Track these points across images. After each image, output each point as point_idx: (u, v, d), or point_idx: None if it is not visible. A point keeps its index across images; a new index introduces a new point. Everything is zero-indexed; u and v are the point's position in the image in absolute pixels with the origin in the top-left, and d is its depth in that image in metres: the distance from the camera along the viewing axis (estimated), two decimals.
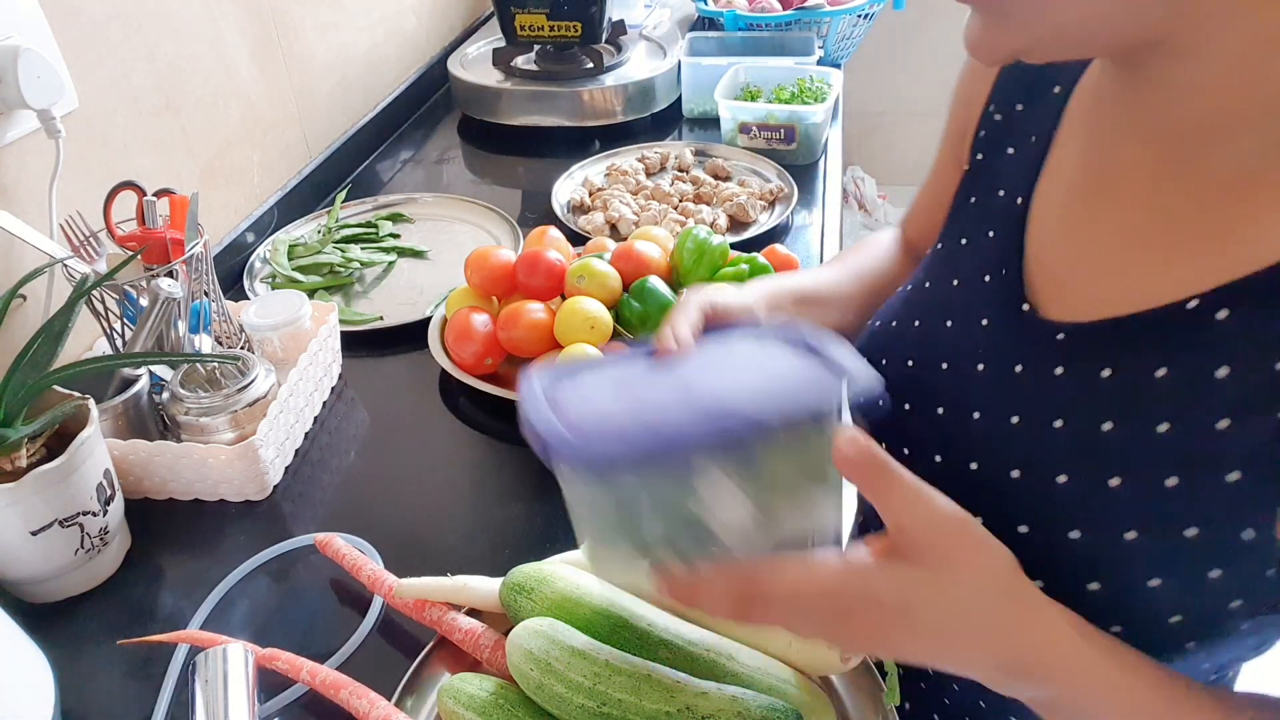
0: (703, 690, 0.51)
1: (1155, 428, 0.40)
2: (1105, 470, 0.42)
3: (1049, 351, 0.45)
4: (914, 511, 0.38)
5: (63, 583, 0.70)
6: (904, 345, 0.54)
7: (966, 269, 0.51)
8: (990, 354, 0.48)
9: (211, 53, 1.08)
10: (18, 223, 0.76)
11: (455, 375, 0.90)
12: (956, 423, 0.49)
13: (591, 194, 1.26)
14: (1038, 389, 0.45)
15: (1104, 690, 0.39)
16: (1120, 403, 0.42)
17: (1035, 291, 0.47)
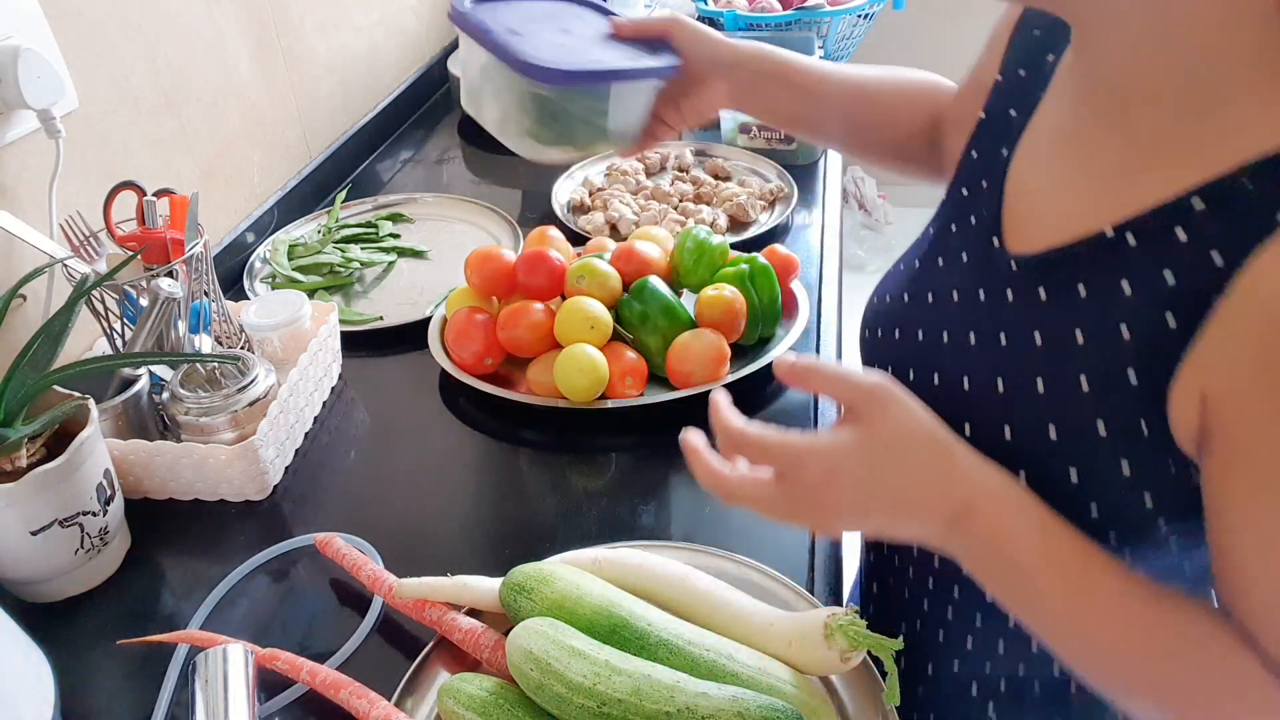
0: (703, 690, 0.51)
1: (1075, 338, 0.47)
2: (1034, 376, 0.49)
3: (1004, 279, 0.53)
4: (844, 385, 0.48)
5: (63, 583, 0.70)
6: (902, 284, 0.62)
7: (961, 215, 0.58)
8: (963, 284, 0.56)
9: (211, 53, 1.09)
10: (18, 223, 0.76)
11: (455, 375, 0.90)
12: (930, 345, 0.57)
13: (591, 194, 1.26)
14: (991, 311, 0.53)
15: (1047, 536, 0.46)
16: (1050, 319, 0.49)
17: (1006, 231, 0.54)
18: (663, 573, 0.63)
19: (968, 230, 0.57)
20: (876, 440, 0.47)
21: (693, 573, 0.62)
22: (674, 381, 0.87)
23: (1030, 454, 0.49)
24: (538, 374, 0.88)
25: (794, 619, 0.58)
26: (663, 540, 0.70)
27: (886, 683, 0.55)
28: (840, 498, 0.47)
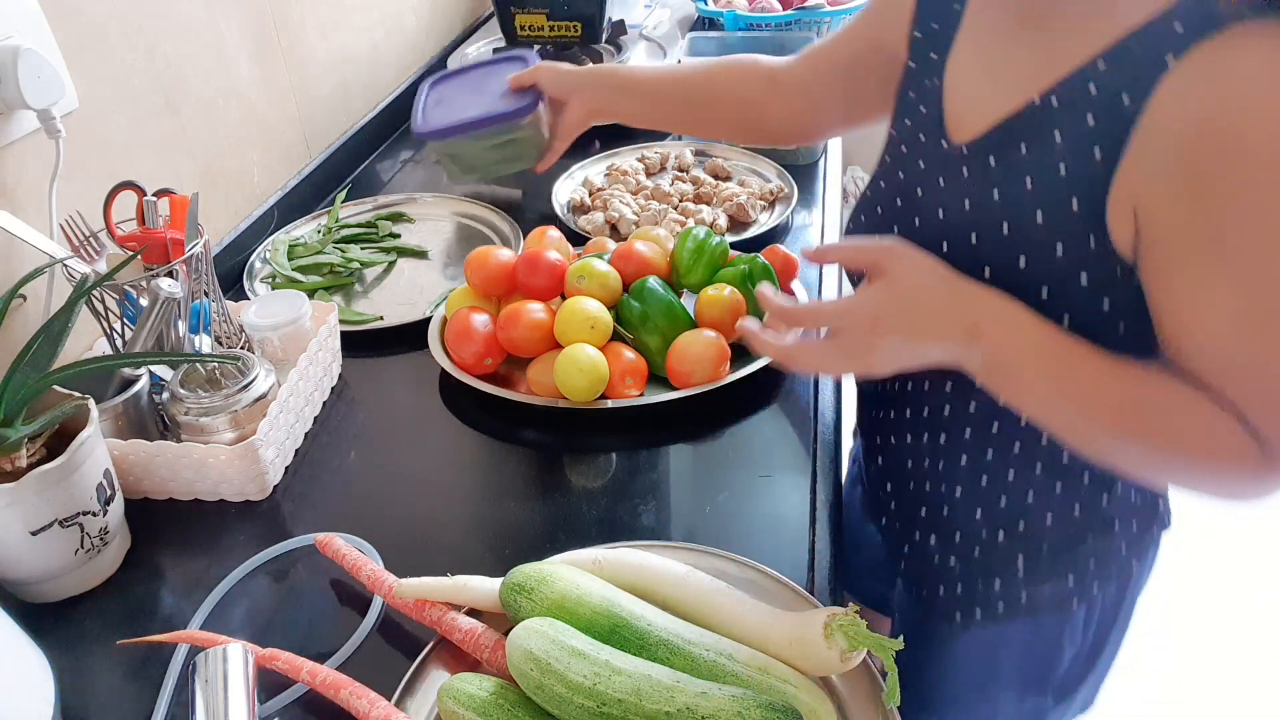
0: (703, 690, 0.51)
1: (1025, 185, 0.59)
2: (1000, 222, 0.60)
3: (958, 163, 0.65)
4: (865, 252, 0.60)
5: (63, 583, 0.70)
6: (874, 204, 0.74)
7: (911, 136, 0.71)
8: (927, 179, 0.68)
9: (211, 53, 1.08)
10: (18, 223, 0.76)
11: (455, 375, 0.90)
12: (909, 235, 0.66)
13: (591, 194, 1.26)
14: (952, 189, 0.65)
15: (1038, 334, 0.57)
16: (1002, 177, 0.61)
17: (951, 132, 0.66)
18: (663, 573, 0.63)
19: (920, 144, 0.69)
20: (903, 286, 0.58)
21: (693, 573, 0.62)
22: (674, 381, 0.87)
23: (1008, 284, 0.59)
24: (538, 374, 0.88)
25: (794, 619, 0.58)
26: (663, 540, 0.70)
27: (886, 683, 0.55)
28: (884, 339, 0.57)
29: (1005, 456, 0.69)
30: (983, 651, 0.79)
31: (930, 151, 0.68)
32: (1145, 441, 0.56)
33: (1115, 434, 0.57)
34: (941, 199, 0.65)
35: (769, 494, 0.78)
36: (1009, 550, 0.73)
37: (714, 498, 0.78)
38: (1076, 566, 0.73)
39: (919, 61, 0.72)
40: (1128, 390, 0.56)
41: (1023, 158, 0.59)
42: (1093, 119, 0.55)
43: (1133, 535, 0.74)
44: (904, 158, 0.71)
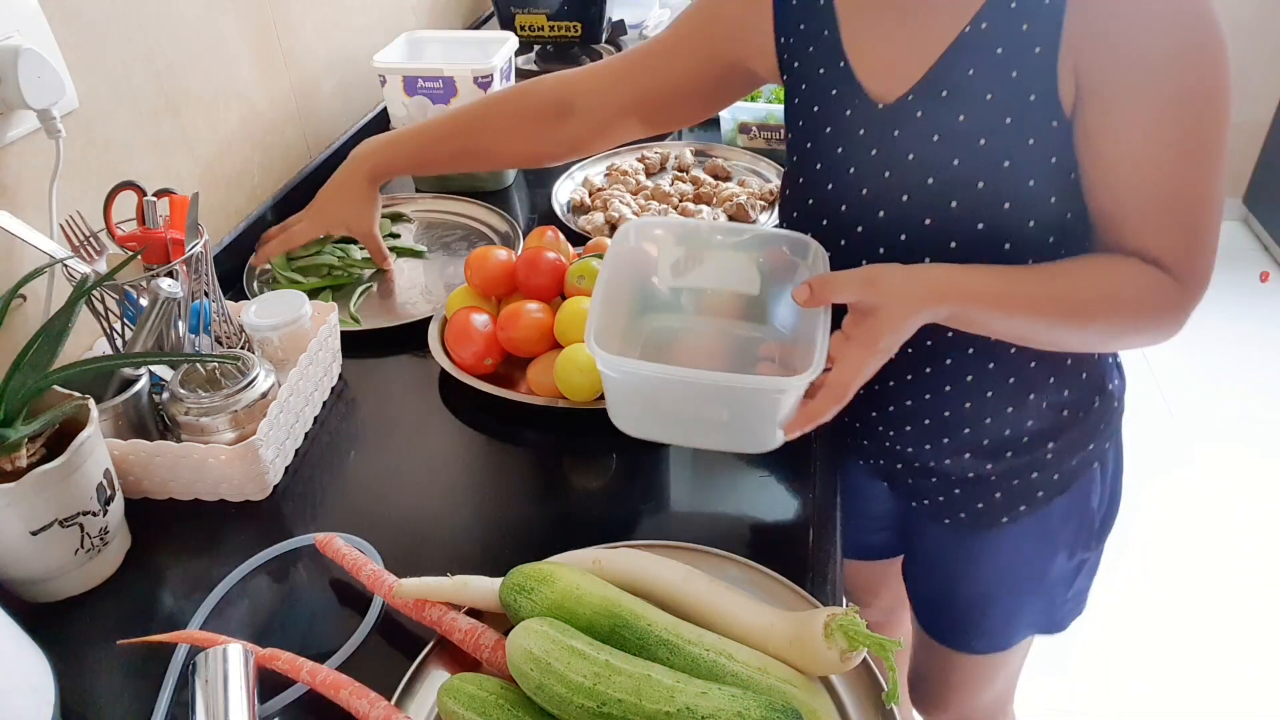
0: (703, 690, 0.51)
1: (985, 97, 0.66)
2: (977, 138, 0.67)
3: (904, 112, 0.70)
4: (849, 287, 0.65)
5: (63, 583, 0.70)
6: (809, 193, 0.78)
7: (831, 117, 0.75)
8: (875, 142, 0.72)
9: (211, 53, 1.08)
10: (18, 223, 0.76)
11: (455, 375, 0.90)
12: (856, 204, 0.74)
13: (591, 194, 1.26)
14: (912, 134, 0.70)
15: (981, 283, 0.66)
16: (959, 102, 0.68)
17: (879, 97, 0.72)
18: (663, 573, 0.63)
19: (845, 120, 0.74)
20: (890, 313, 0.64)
21: (693, 573, 0.62)
22: None
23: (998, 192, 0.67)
24: (538, 374, 0.88)
25: (794, 619, 0.58)
26: (663, 540, 0.70)
27: (886, 683, 0.55)
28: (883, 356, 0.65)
29: (1019, 352, 0.76)
30: (1034, 536, 0.87)
31: (866, 119, 0.73)
32: (1096, 321, 0.68)
33: (1072, 327, 0.68)
34: (901, 148, 0.71)
35: (769, 494, 0.78)
36: (1040, 440, 0.81)
37: (714, 498, 0.78)
38: (1093, 432, 0.83)
39: (800, 61, 0.77)
40: (1067, 290, 0.67)
41: (972, 79, 0.67)
42: (1026, 24, 0.64)
43: (1119, 388, 0.84)
44: (831, 136, 0.76)
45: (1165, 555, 1.94)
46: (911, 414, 0.82)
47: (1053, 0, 0.63)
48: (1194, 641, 1.77)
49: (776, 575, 0.66)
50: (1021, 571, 0.90)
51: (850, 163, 0.74)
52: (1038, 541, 0.88)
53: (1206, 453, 2.21)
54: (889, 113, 0.71)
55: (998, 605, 0.93)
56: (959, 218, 0.69)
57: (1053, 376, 0.78)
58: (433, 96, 1.26)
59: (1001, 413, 0.79)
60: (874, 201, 0.73)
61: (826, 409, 0.65)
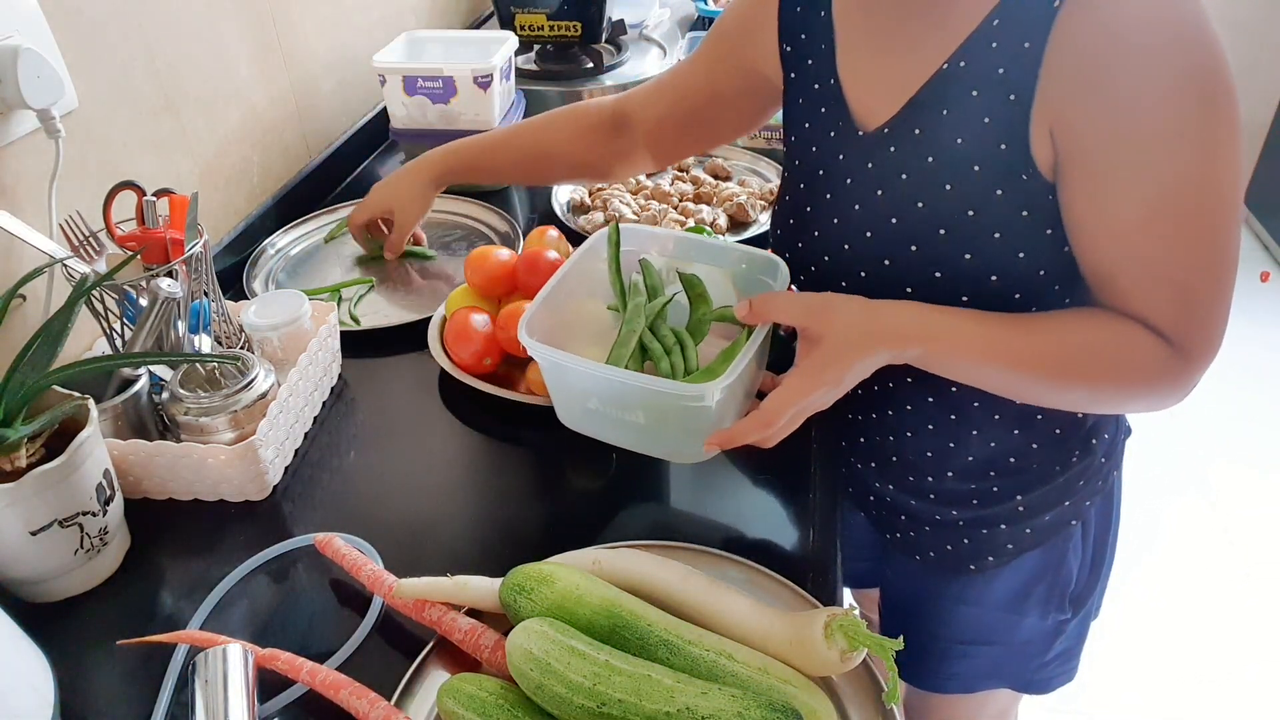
0: (703, 690, 0.51)
1: (955, 140, 0.64)
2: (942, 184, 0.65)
3: (881, 143, 0.68)
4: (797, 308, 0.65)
5: (63, 583, 0.70)
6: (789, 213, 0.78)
7: (818, 135, 0.74)
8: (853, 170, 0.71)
9: (211, 53, 1.08)
10: (18, 223, 0.76)
11: (455, 375, 0.90)
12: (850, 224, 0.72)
13: (591, 194, 1.26)
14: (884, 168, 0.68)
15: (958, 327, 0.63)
16: (931, 142, 0.65)
17: (862, 123, 0.70)
18: (663, 573, 0.63)
19: (829, 141, 0.73)
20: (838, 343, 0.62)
21: (693, 573, 0.62)
22: None
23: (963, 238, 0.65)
24: (538, 374, 0.88)
25: (794, 619, 0.58)
26: (663, 540, 0.70)
27: (886, 683, 0.55)
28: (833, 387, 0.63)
29: (984, 403, 0.74)
30: (1001, 590, 0.84)
31: (846, 144, 0.71)
32: (1078, 379, 0.63)
33: (1050, 383, 0.64)
34: (873, 179, 0.69)
35: (769, 494, 0.78)
36: (1008, 493, 0.78)
37: (714, 498, 0.78)
38: (1069, 489, 0.79)
39: (796, 72, 0.76)
40: (1049, 342, 0.63)
41: (946, 119, 0.64)
42: (1002, 69, 0.61)
43: (1107, 444, 0.80)
44: (815, 157, 0.75)
45: (1165, 556, 1.94)
46: (877, 451, 0.82)
47: (1031, 46, 0.59)
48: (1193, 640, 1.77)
49: (776, 575, 0.66)
50: (987, 622, 0.87)
51: (828, 188, 0.73)
52: (1005, 595, 0.85)
53: (1206, 452, 2.21)
54: (867, 141, 0.69)
55: (963, 650, 0.90)
56: (917, 263, 0.67)
57: (1018, 429, 0.75)
58: (432, 96, 1.26)
59: (963, 462, 0.77)
60: (842, 232, 0.72)
61: (747, 432, 0.63)
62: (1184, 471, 2.15)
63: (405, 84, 1.25)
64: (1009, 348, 0.63)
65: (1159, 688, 1.69)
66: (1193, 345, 0.61)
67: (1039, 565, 0.82)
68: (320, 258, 1.18)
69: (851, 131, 0.71)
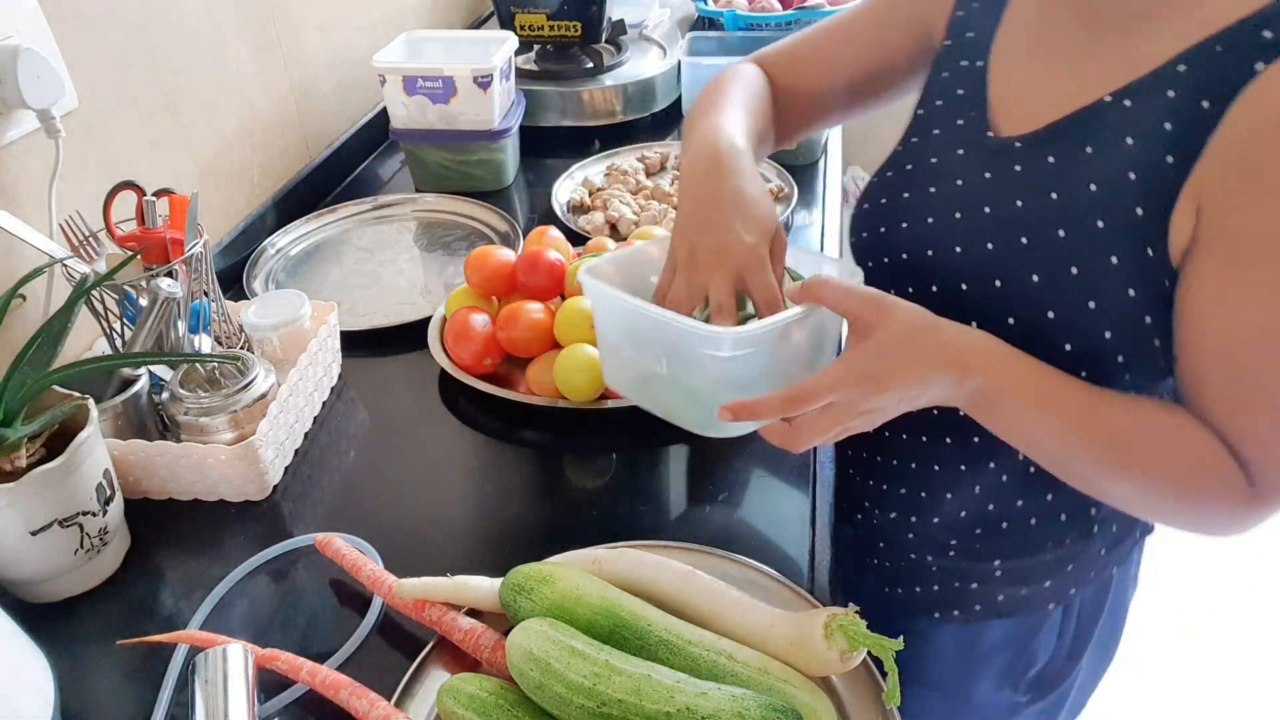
0: (703, 690, 0.51)
1: (1088, 188, 0.57)
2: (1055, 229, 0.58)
3: (1007, 156, 0.62)
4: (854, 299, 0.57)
5: (63, 583, 0.70)
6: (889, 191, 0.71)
7: (945, 118, 0.68)
8: (969, 169, 0.64)
9: (211, 53, 1.08)
10: (18, 223, 0.76)
11: (455, 375, 0.90)
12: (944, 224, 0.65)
13: (591, 194, 1.26)
14: (1002, 185, 0.61)
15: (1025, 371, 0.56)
16: (1062, 177, 0.58)
17: (996, 123, 0.64)
18: (663, 573, 0.63)
19: (955, 129, 0.67)
20: (890, 341, 0.56)
21: (693, 573, 0.62)
22: None
23: (1056, 292, 0.57)
24: (538, 374, 0.88)
25: (794, 619, 0.58)
26: (663, 540, 0.70)
27: (886, 683, 0.55)
28: (878, 398, 0.56)
29: (999, 464, 0.68)
30: (959, 645, 0.80)
31: (971, 139, 0.65)
32: (1134, 470, 0.56)
33: (1104, 465, 0.57)
34: (986, 192, 0.62)
35: (769, 494, 0.78)
36: (987, 554, 0.73)
37: (714, 498, 0.78)
38: (1054, 571, 0.73)
39: (955, 39, 0.70)
40: (1117, 420, 0.56)
41: (1087, 157, 0.57)
42: (1170, 124, 0.53)
43: (1111, 538, 0.73)
44: (937, 141, 0.68)
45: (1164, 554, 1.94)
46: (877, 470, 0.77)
47: (1211, 109, 0.51)
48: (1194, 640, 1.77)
49: (776, 575, 0.66)
50: (941, 673, 0.82)
51: (935, 181, 0.66)
52: (961, 653, 0.80)
53: None
54: (994, 147, 0.63)
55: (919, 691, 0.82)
56: (995, 299, 0.60)
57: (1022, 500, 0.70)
58: (432, 96, 1.25)
59: (953, 511, 0.72)
60: (933, 235, 0.65)
61: (768, 408, 0.56)
62: None
63: (405, 84, 1.25)
64: (1073, 408, 0.56)
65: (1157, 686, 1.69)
66: (1268, 481, 0.54)
67: (1003, 636, 0.78)
68: (320, 257, 1.18)
69: (981, 130, 0.64)
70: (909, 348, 0.56)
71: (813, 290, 0.58)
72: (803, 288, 0.59)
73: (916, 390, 0.56)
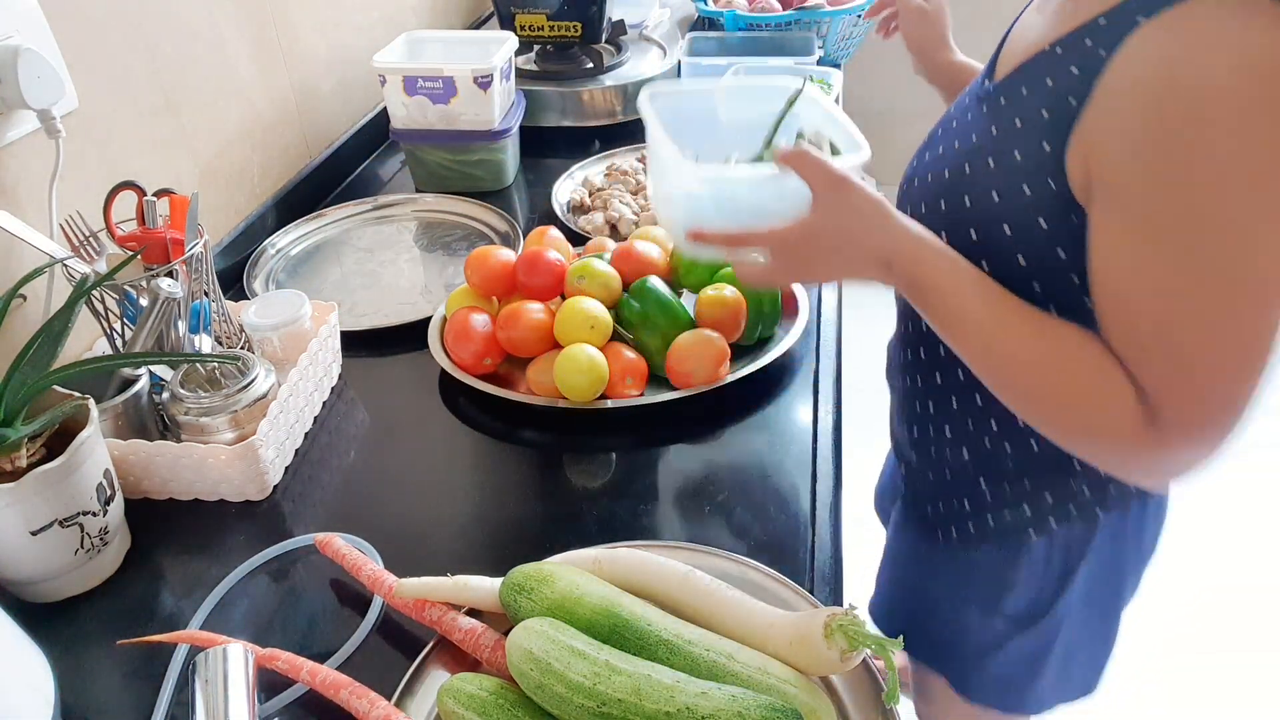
0: (703, 690, 0.51)
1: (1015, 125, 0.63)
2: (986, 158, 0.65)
3: (987, 99, 0.68)
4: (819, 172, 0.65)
5: (63, 583, 0.70)
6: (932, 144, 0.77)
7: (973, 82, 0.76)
8: (961, 114, 0.73)
9: (211, 53, 1.08)
10: (18, 223, 0.76)
11: (455, 375, 0.90)
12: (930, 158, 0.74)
13: (591, 194, 1.26)
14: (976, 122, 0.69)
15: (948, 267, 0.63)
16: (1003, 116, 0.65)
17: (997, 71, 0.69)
18: (663, 573, 0.63)
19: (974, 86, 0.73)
20: (834, 215, 0.65)
21: (693, 573, 0.62)
22: (674, 381, 0.87)
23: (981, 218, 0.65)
24: (538, 374, 0.88)
25: (794, 619, 0.58)
26: (663, 540, 0.70)
27: (886, 683, 0.55)
28: (814, 256, 0.67)
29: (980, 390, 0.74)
30: (954, 567, 0.87)
31: (976, 86, 0.73)
32: (1031, 376, 0.61)
33: (1002, 360, 0.62)
34: (964, 130, 0.70)
35: (769, 494, 0.78)
36: (974, 474, 0.80)
37: (714, 498, 0.78)
38: (1032, 499, 0.78)
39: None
40: (1027, 323, 0.61)
41: (1022, 99, 0.63)
42: (1076, 69, 0.58)
43: (1095, 481, 0.77)
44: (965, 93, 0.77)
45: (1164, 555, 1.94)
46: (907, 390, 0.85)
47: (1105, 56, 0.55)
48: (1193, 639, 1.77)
49: (777, 575, 0.66)
50: (933, 593, 0.89)
51: (945, 120, 0.76)
52: (948, 574, 0.87)
53: None
54: (980, 93, 0.70)
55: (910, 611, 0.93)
56: (940, 219, 0.68)
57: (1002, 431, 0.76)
58: (433, 96, 1.26)
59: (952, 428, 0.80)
60: (921, 165, 0.75)
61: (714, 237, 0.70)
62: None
63: (405, 84, 1.25)
64: (985, 300, 0.62)
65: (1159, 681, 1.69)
66: (1173, 421, 0.55)
67: (989, 560, 0.83)
68: (320, 257, 1.18)
69: (985, 78, 0.71)
70: (844, 232, 0.65)
71: (790, 158, 0.66)
72: (783, 155, 0.66)
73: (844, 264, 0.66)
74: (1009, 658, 0.88)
